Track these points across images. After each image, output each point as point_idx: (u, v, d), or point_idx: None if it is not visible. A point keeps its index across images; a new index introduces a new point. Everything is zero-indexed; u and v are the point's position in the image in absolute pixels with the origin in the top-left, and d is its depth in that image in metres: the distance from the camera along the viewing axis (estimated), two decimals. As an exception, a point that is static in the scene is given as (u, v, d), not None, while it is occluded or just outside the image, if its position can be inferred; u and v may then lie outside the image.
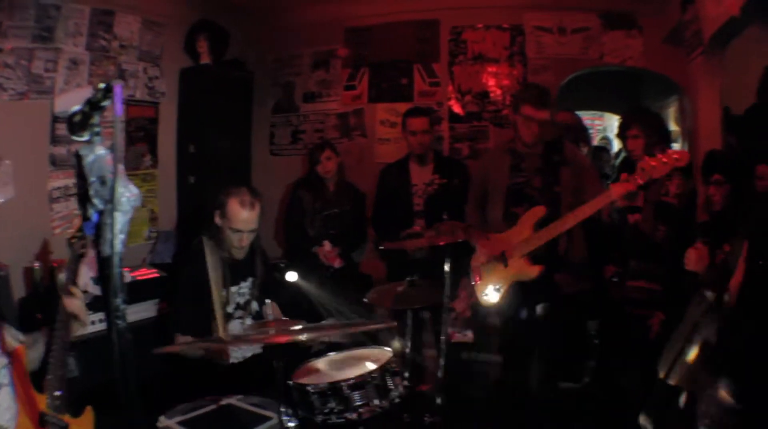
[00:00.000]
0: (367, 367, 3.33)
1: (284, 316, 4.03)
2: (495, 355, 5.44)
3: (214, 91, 6.81)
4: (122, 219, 1.40)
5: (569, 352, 5.19)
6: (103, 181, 1.39)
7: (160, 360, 4.03)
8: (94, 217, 1.41)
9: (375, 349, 3.69)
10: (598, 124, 12.11)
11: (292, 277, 4.31)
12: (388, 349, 3.60)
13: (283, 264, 5.91)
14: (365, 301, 4.22)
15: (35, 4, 5.18)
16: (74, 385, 3.37)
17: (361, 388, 3.19)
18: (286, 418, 2.98)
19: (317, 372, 3.54)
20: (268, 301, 3.51)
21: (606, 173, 7.32)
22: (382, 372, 3.30)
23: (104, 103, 1.42)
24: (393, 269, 5.87)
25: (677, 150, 4.36)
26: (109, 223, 1.38)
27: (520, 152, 4.74)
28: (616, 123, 5.88)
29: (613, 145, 9.63)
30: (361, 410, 3.17)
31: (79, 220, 1.51)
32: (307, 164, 6.37)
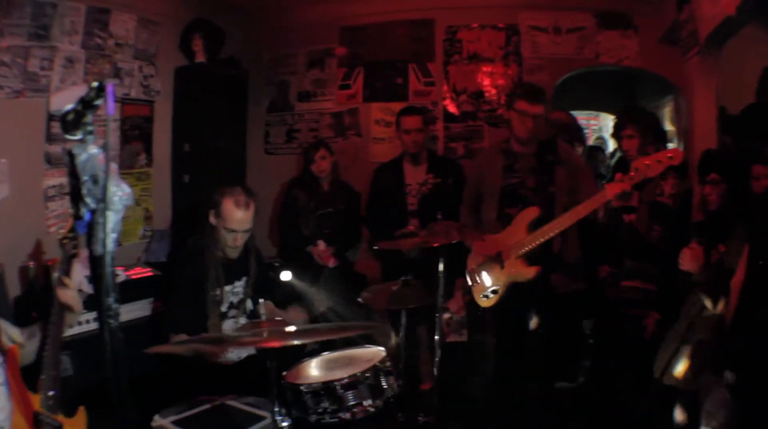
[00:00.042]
0: (361, 367, 3.33)
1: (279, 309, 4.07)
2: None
3: (209, 90, 6.78)
4: (114, 218, 1.39)
5: (564, 352, 5.19)
6: (95, 180, 1.38)
7: (155, 359, 4.03)
8: (87, 216, 1.40)
9: (369, 349, 3.69)
10: (594, 123, 12.09)
11: (287, 276, 4.31)
12: (382, 349, 3.60)
13: (278, 263, 5.90)
14: (359, 300, 4.22)
15: (32, 2, 5.16)
16: (68, 385, 3.37)
17: (355, 388, 3.20)
18: (279, 417, 2.98)
19: (311, 372, 3.54)
20: (262, 301, 3.50)
21: (601, 173, 7.32)
22: (376, 372, 3.30)
23: (97, 102, 1.41)
24: (387, 269, 5.86)
25: (671, 149, 4.38)
26: (101, 222, 1.38)
27: (514, 152, 4.75)
28: (612, 123, 5.88)
29: (609, 145, 9.61)
30: (354, 410, 3.17)
31: (72, 220, 1.51)
32: (301, 163, 6.39)
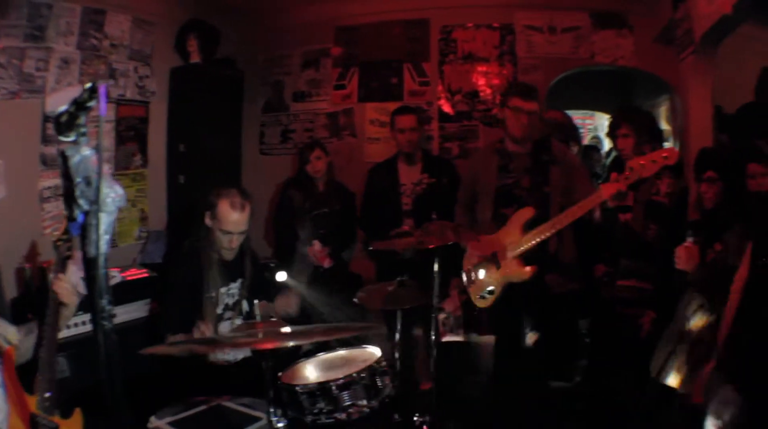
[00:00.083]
0: (357, 367, 3.32)
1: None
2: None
3: (205, 91, 6.79)
4: (107, 219, 1.39)
5: (561, 352, 5.19)
6: (88, 182, 1.38)
7: (151, 360, 4.03)
8: (80, 218, 1.40)
9: (364, 350, 3.68)
10: (589, 123, 12.13)
11: (282, 277, 4.30)
12: (378, 349, 3.60)
13: (273, 264, 5.89)
14: (355, 301, 4.21)
15: (27, 3, 5.16)
16: (65, 386, 3.38)
17: (350, 388, 3.19)
18: (275, 418, 2.97)
19: (307, 372, 3.54)
20: (257, 302, 3.50)
21: (597, 172, 7.33)
22: (372, 372, 3.30)
23: (90, 104, 1.41)
24: (383, 269, 5.85)
25: (666, 148, 4.38)
26: (94, 224, 1.37)
27: (509, 152, 4.74)
28: (607, 122, 5.89)
29: (604, 145, 9.64)
30: (350, 410, 3.17)
31: (66, 222, 1.50)
32: (296, 164, 6.37)
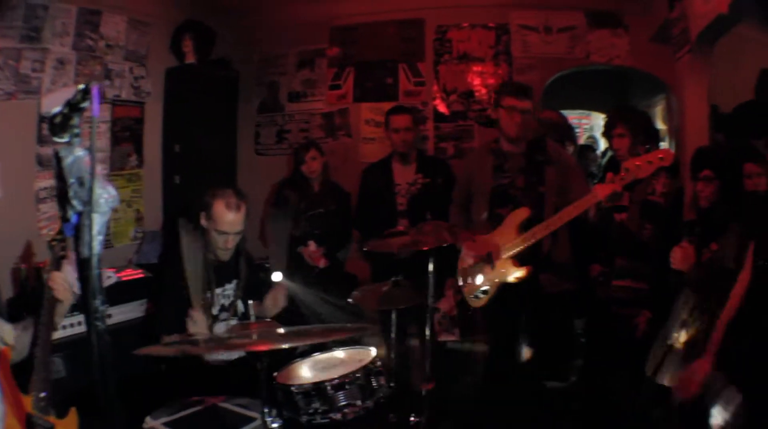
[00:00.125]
0: (352, 367, 3.32)
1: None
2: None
3: (200, 91, 6.79)
4: (100, 220, 1.39)
5: (556, 352, 5.20)
6: (81, 183, 1.38)
7: (146, 361, 4.02)
8: (74, 219, 1.40)
9: (360, 350, 3.69)
10: (585, 123, 12.14)
11: (277, 277, 4.30)
12: (373, 349, 3.60)
13: (269, 264, 5.89)
14: (350, 301, 4.21)
15: (24, 4, 5.15)
16: (61, 386, 3.37)
17: (346, 388, 3.20)
18: (269, 419, 2.97)
19: (302, 372, 3.54)
20: (251, 302, 3.50)
21: (592, 172, 7.34)
22: (367, 372, 3.30)
23: (83, 105, 1.42)
24: (378, 269, 5.84)
25: (662, 149, 4.38)
26: (88, 225, 1.38)
27: (504, 152, 4.74)
28: (602, 122, 5.89)
29: (600, 144, 9.65)
30: (345, 410, 3.17)
31: (60, 222, 1.51)
32: (292, 164, 6.37)
